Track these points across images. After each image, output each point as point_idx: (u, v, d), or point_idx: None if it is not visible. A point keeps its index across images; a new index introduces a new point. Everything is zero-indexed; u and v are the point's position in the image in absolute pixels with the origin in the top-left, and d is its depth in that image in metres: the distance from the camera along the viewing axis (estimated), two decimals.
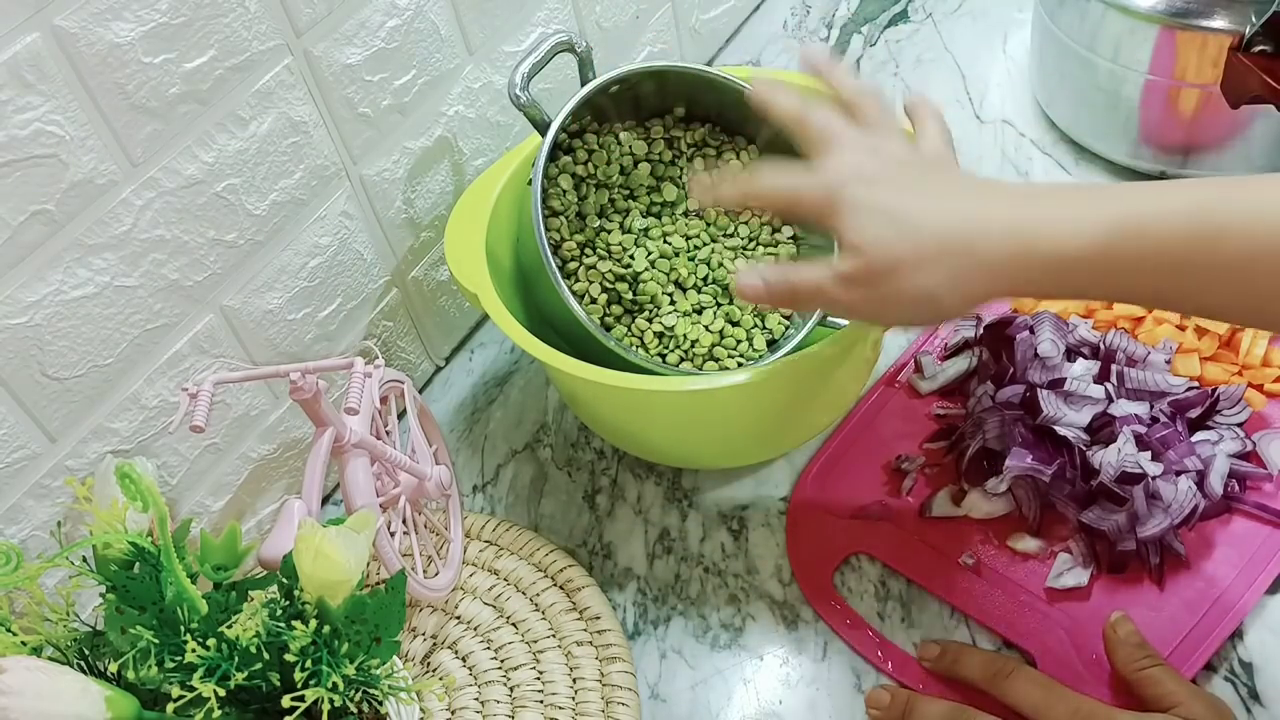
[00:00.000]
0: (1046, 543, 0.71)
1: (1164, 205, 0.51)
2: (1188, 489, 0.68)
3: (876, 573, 0.73)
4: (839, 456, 0.78)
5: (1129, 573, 0.69)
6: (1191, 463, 0.69)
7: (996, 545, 0.71)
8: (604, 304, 0.75)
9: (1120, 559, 0.69)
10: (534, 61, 0.73)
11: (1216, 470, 0.69)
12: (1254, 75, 0.77)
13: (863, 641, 0.69)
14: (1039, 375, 0.74)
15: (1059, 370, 0.75)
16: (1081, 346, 0.77)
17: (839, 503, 0.76)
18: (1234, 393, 0.73)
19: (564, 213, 0.75)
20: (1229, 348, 0.77)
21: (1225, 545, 0.68)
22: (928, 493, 0.74)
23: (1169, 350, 0.76)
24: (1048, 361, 0.75)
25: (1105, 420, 0.72)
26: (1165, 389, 0.73)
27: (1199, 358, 0.76)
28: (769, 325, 0.77)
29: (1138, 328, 0.78)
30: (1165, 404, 0.73)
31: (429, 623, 0.74)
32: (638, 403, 0.71)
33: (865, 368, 0.78)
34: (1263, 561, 0.67)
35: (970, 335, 0.80)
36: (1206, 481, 0.69)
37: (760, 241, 0.79)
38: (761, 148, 0.80)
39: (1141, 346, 0.76)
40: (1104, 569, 0.69)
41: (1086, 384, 0.73)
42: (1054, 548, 0.71)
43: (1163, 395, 0.73)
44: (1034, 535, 0.71)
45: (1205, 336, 0.77)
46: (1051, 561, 0.70)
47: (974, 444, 0.74)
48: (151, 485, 0.54)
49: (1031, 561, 0.70)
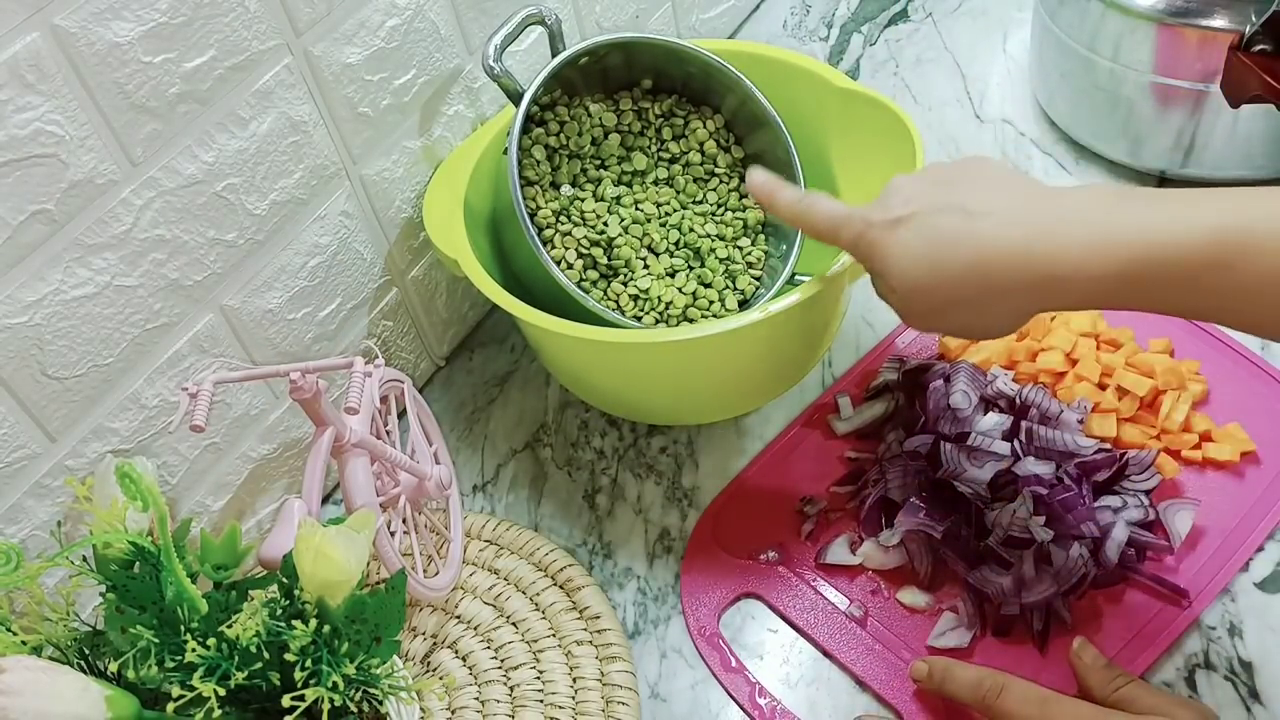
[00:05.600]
0: (936, 599, 0.70)
1: (1190, 224, 0.51)
2: (1079, 556, 0.67)
3: (764, 614, 0.72)
4: (746, 492, 0.77)
5: (1013, 636, 0.68)
6: (1088, 529, 0.68)
7: (886, 597, 0.71)
8: (580, 269, 0.77)
9: (1005, 622, 0.68)
10: (506, 33, 0.75)
11: (1114, 539, 0.68)
12: (1254, 74, 0.77)
13: (738, 686, 0.69)
14: (948, 427, 0.73)
15: (968, 423, 0.73)
16: (998, 399, 0.75)
17: (738, 541, 0.75)
18: (1144, 458, 0.71)
19: (538, 182, 0.77)
20: (1150, 410, 0.75)
21: (1115, 616, 0.67)
22: (827, 538, 0.73)
23: (1083, 409, 0.74)
24: (959, 413, 0.73)
25: (1010, 478, 0.70)
26: (1073, 449, 0.71)
27: (1117, 418, 0.74)
28: (740, 286, 0.79)
29: (1058, 383, 0.77)
30: (1072, 465, 0.71)
31: (429, 622, 0.74)
32: (620, 357, 0.73)
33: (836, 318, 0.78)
34: (1151, 635, 0.66)
35: (892, 379, 0.79)
36: (1103, 550, 0.68)
37: (729, 207, 0.82)
38: (727, 117, 0.82)
39: (1056, 403, 0.73)
40: (989, 631, 0.68)
41: (994, 439, 0.71)
42: (942, 605, 0.70)
43: (1070, 456, 0.71)
44: (924, 590, 0.70)
45: (1125, 397, 0.75)
46: (938, 618, 0.69)
47: (874, 492, 0.73)
48: (151, 485, 0.54)
49: (918, 616, 0.70)
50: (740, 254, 0.80)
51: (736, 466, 0.79)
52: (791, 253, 0.78)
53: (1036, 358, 0.78)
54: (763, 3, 1.15)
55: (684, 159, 0.82)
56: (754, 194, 0.66)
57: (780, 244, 0.81)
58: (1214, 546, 0.69)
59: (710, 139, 0.82)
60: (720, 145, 0.82)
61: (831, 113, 0.80)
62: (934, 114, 1.00)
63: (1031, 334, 0.80)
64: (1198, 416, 0.74)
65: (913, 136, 0.72)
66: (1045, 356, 0.78)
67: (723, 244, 0.80)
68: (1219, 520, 0.70)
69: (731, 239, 0.80)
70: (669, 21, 1.01)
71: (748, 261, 0.80)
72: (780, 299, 0.67)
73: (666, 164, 0.81)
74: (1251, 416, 0.74)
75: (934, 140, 0.97)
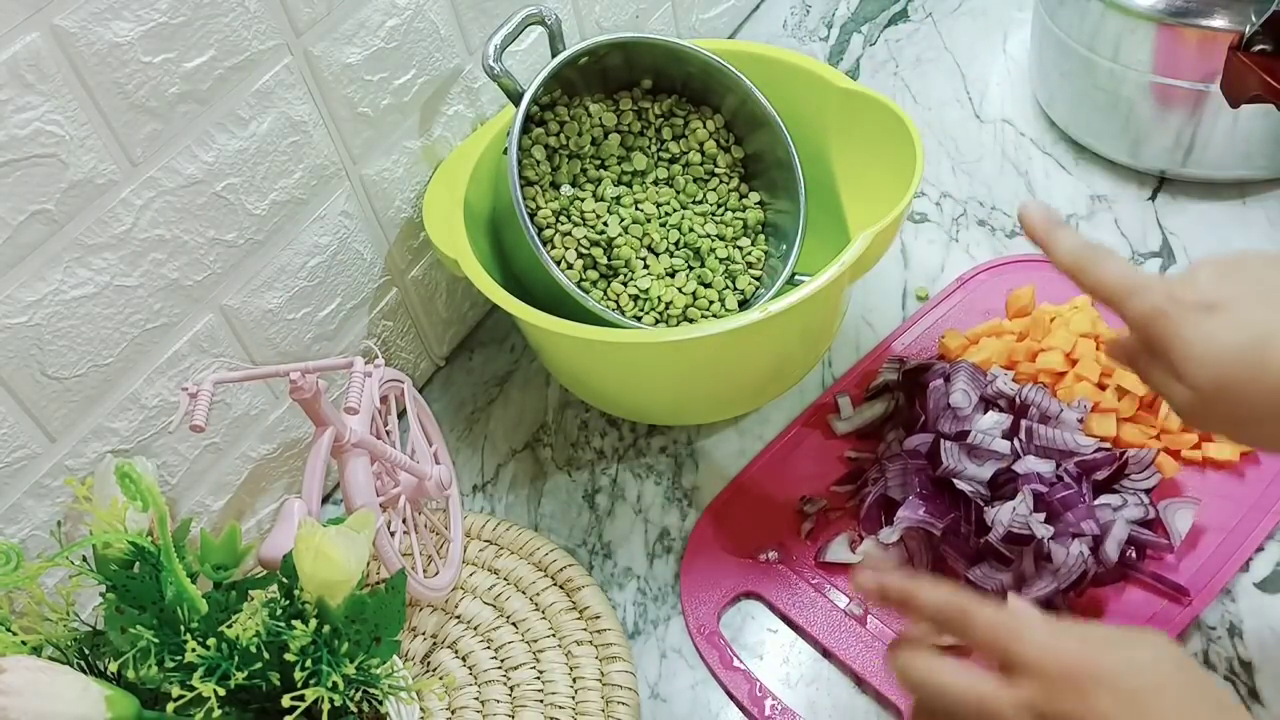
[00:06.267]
0: None
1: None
2: (1079, 553, 0.67)
3: (764, 614, 0.72)
4: (746, 492, 0.77)
5: None
6: (1088, 526, 0.67)
7: None
8: (580, 269, 0.77)
9: None
10: (506, 33, 0.75)
11: (1114, 536, 0.68)
12: (1254, 74, 0.77)
13: (738, 685, 0.69)
14: (948, 425, 0.73)
15: (968, 422, 0.73)
16: (998, 398, 0.75)
17: (738, 539, 0.75)
18: (1144, 457, 0.71)
19: (538, 182, 0.77)
20: (1150, 410, 0.75)
21: (1115, 614, 0.66)
22: (827, 536, 0.73)
23: (1083, 409, 0.73)
24: (959, 412, 0.73)
25: (1009, 476, 0.70)
26: (1073, 448, 0.71)
27: (1117, 418, 0.74)
28: (740, 286, 0.79)
29: (1058, 383, 0.76)
30: (1072, 464, 0.71)
31: (429, 622, 0.74)
32: (620, 357, 0.73)
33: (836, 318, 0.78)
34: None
35: (892, 379, 0.79)
36: (1102, 547, 0.67)
37: (729, 207, 0.82)
38: (727, 117, 0.82)
39: (1056, 403, 0.73)
40: None
41: (994, 438, 0.71)
42: None
43: (1070, 455, 0.71)
44: None
45: (1125, 397, 0.75)
46: None
47: (875, 491, 0.73)
48: (151, 485, 0.54)
49: None
50: (740, 254, 0.80)
51: (736, 466, 0.79)
52: (791, 253, 0.78)
53: (1036, 358, 0.78)
54: (763, 3, 1.15)
55: (684, 159, 0.82)
56: (1027, 228, 0.57)
57: (780, 244, 0.81)
58: (1214, 546, 0.69)
59: (710, 139, 0.82)
60: (720, 145, 0.82)
61: (831, 113, 0.80)
62: (934, 114, 1.00)
63: (1031, 334, 0.80)
64: None
65: (912, 136, 0.72)
66: (1045, 356, 0.78)
67: (723, 244, 0.80)
68: (1219, 520, 0.70)
69: (731, 239, 0.80)
70: (669, 21, 1.01)
71: (748, 261, 0.80)
72: (780, 299, 0.67)
73: (666, 164, 0.81)
74: None
75: (934, 140, 0.97)
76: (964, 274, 0.86)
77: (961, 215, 0.92)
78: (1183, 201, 0.89)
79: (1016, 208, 0.78)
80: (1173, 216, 0.88)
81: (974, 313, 0.84)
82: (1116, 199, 0.90)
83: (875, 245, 0.68)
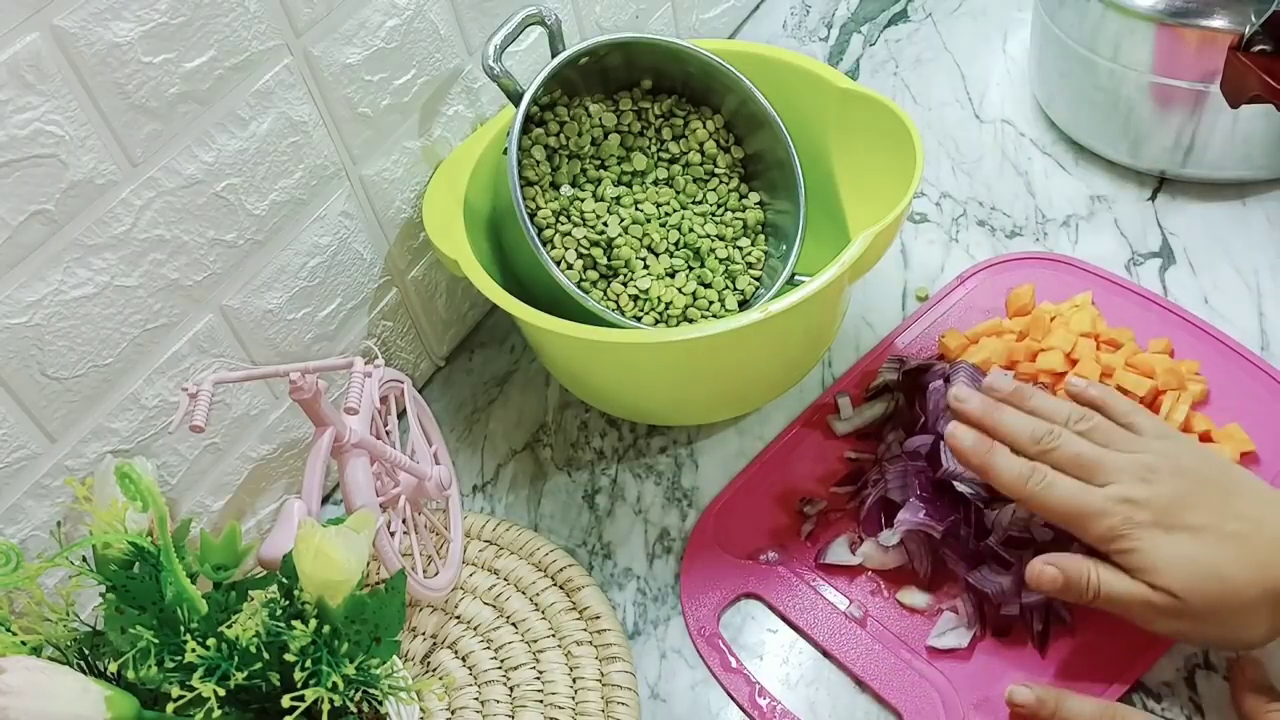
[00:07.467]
0: (936, 599, 0.70)
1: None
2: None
3: (764, 615, 0.72)
4: (746, 492, 0.77)
5: (1013, 636, 0.68)
6: None
7: (886, 597, 0.70)
8: (580, 269, 0.77)
9: (1005, 622, 0.68)
10: (506, 33, 0.75)
11: None
12: (1254, 74, 0.77)
13: (737, 686, 0.69)
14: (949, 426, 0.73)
15: None
16: None
17: (737, 540, 0.75)
18: None
19: (538, 182, 0.77)
20: (1150, 410, 0.73)
21: (1115, 617, 0.65)
22: (827, 538, 0.73)
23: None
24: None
25: None
26: None
27: None
28: (740, 286, 0.79)
29: (1058, 384, 0.76)
30: None
31: (429, 622, 0.74)
32: (620, 357, 0.73)
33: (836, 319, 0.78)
34: (1151, 635, 0.64)
35: (892, 379, 0.79)
36: None
37: (729, 207, 0.82)
38: (726, 117, 0.82)
39: None
40: (989, 631, 0.68)
41: None
42: (942, 605, 0.69)
43: None
44: (924, 590, 0.70)
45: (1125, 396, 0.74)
46: (938, 618, 0.69)
47: (875, 492, 0.73)
48: (151, 485, 0.54)
49: (918, 617, 0.69)
50: (740, 254, 0.80)
51: (736, 466, 0.79)
52: (791, 253, 0.78)
53: (1036, 358, 0.78)
54: (763, 3, 1.15)
55: (684, 159, 0.82)
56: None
57: (780, 244, 0.81)
58: None
59: (710, 139, 0.82)
60: (720, 145, 0.82)
61: (831, 113, 0.80)
62: (934, 114, 1.00)
63: (1032, 333, 0.80)
64: (1198, 417, 0.74)
65: (912, 136, 0.72)
66: (1045, 357, 0.78)
67: (722, 244, 0.80)
68: None
69: (731, 239, 0.80)
70: (669, 21, 1.01)
71: (747, 262, 0.80)
72: (780, 299, 0.67)
73: (666, 164, 0.81)
74: (1251, 416, 0.74)
75: (934, 140, 0.97)
76: (964, 272, 0.86)
77: (961, 215, 0.92)
78: (1182, 202, 0.89)
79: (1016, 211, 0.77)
80: (1172, 217, 0.88)
81: (974, 311, 0.84)
82: (1116, 199, 0.90)
83: (875, 245, 0.68)
